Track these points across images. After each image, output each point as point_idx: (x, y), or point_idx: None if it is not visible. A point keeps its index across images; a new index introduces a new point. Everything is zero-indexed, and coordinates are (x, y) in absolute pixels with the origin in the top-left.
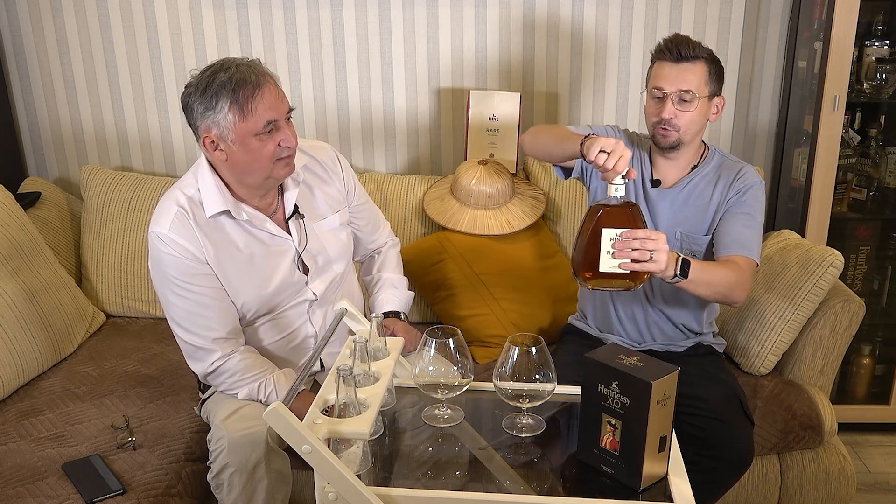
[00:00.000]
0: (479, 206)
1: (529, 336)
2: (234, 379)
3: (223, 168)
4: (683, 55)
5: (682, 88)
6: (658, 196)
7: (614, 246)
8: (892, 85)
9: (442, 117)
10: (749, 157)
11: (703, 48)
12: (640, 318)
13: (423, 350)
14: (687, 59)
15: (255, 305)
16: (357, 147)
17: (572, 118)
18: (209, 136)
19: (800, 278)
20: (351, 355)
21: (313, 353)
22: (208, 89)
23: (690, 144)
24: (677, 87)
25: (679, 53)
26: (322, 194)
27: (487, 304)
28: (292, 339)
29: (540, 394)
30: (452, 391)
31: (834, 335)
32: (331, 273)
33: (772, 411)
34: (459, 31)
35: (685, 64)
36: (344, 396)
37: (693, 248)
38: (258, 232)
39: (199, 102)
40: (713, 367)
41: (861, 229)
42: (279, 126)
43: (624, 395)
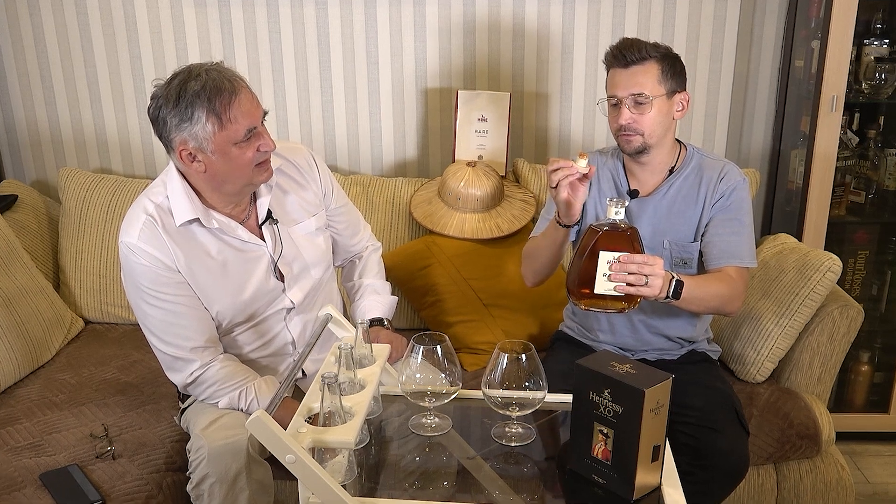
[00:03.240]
0: (468, 210)
1: (519, 343)
2: (214, 388)
3: (198, 178)
4: (630, 59)
5: (633, 92)
6: (639, 207)
7: (611, 269)
8: (891, 85)
9: (429, 118)
10: (745, 159)
11: (653, 48)
12: (633, 330)
13: (409, 357)
14: (635, 62)
15: (231, 314)
16: (342, 148)
17: (563, 119)
18: (186, 148)
19: (796, 284)
20: (336, 362)
21: (298, 360)
22: (181, 100)
23: (660, 146)
24: (629, 91)
25: (625, 58)
26: (297, 198)
27: (476, 309)
28: (270, 346)
29: (530, 402)
30: (440, 399)
31: (832, 342)
32: (308, 279)
33: (768, 420)
34: (447, 31)
35: (634, 67)
36: (329, 405)
37: (684, 257)
38: (230, 239)
39: (172, 115)
40: (708, 375)
41: (859, 233)
42: (257, 132)
43: (616, 404)
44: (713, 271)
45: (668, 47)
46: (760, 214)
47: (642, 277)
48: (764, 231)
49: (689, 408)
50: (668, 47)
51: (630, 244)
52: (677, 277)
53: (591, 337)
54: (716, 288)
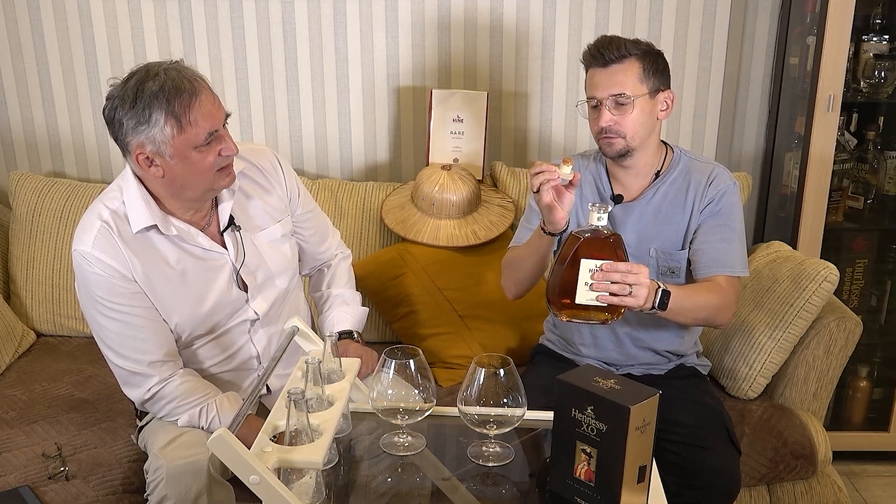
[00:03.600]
0: (443, 216)
1: (497, 357)
2: (173, 405)
3: (156, 183)
4: (609, 58)
5: (613, 93)
6: (623, 212)
7: (593, 277)
8: (891, 83)
9: (402, 118)
10: (736, 162)
11: (633, 45)
12: (618, 343)
13: (381, 372)
14: (615, 61)
15: (190, 326)
16: (310, 150)
17: (543, 120)
18: (143, 152)
19: (791, 294)
20: (303, 377)
21: (263, 374)
22: (139, 101)
23: (644, 148)
24: (608, 91)
25: (604, 57)
26: (261, 203)
27: (451, 321)
28: (233, 360)
29: (508, 419)
30: (413, 417)
31: (828, 356)
32: (273, 289)
33: (761, 438)
34: (421, 26)
35: (614, 66)
36: (295, 422)
37: (671, 265)
38: (190, 247)
39: (129, 116)
40: (697, 391)
41: (858, 240)
42: (218, 135)
43: (600, 421)
44: (702, 280)
45: (649, 44)
46: (753, 221)
47: (626, 287)
48: (756, 238)
49: (677, 425)
50: (649, 44)
51: (613, 251)
52: (664, 287)
53: (574, 351)
54: (705, 298)
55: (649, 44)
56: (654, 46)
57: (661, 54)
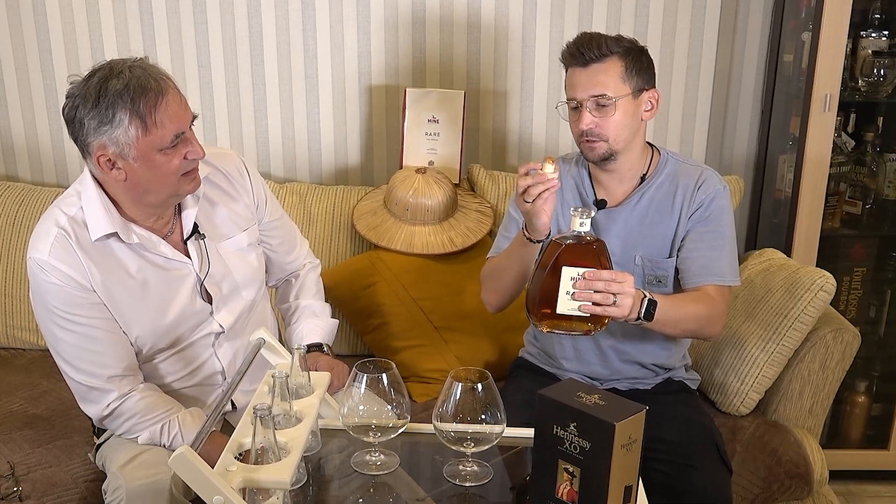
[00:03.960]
0: (417, 222)
1: (475, 371)
2: (133, 421)
3: (117, 187)
4: (589, 56)
5: (593, 94)
6: (607, 218)
7: (575, 286)
8: (890, 82)
9: (374, 119)
10: (727, 165)
11: (615, 42)
12: (602, 356)
13: (352, 387)
14: (595, 60)
15: (152, 339)
16: (277, 153)
17: (523, 120)
18: (105, 154)
19: (785, 304)
20: (269, 392)
21: (227, 389)
22: (102, 100)
23: (628, 151)
24: (589, 92)
25: (584, 55)
26: (227, 210)
27: (426, 333)
28: (197, 375)
29: (487, 437)
30: (386, 434)
31: (824, 370)
32: (239, 301)
33: (753, 457)
34: (394, 21)
35: (595, 65)
36: (261, 440)
37: (657, 274)
38: (152, 256)
39: (91, 116)
40: (686, 406)
41: (856, 248)
42: (185, 137)
43: (583, 439)
44: (691, 290)
45: (632, 40)
46: (744, 227)
47: (610, 296)
48: (748, 245)
49: (664, 443)
50: (632, 40)
51: (596, 259)
52: (650, 296)
53: (555, 364)
54: (693, 309)
55: (632, 40)
56: (638, 43)
57: (644, 51)
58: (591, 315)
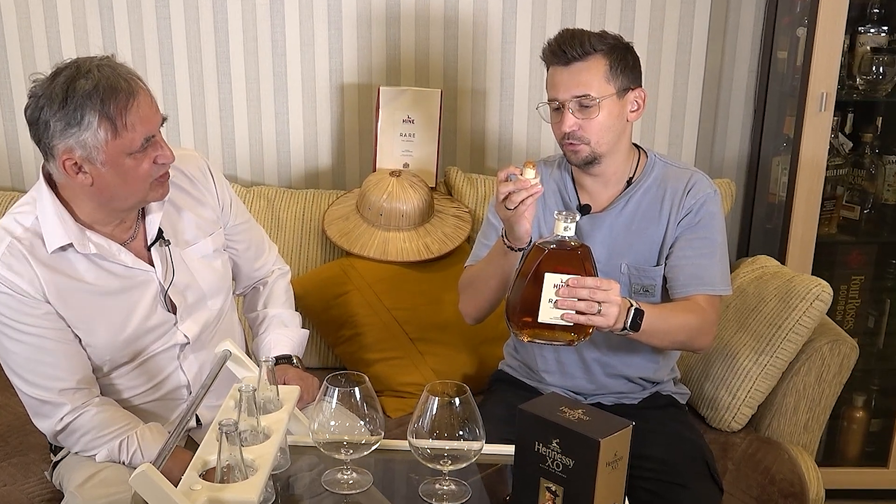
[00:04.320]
0: (392, 227)
1: (452, 384)
2: (89, 437)
3: (81, 192)
4: (571, 55)
5: (576, 94)
6: (591, 224)
7: (558, 294)
8: (890, 80)
9: (346, 119)
10: (718, 167)
11: (598, 39)
12: (586, 370)
13: (323, 401)
14: (578, 59)
15: (111, 352)
16: (244, 155)
17: (503, 121)
18: (71, 157)
19: (779, 314)
20: (236, 407)
21: (191, 403)
22: (69, 101)
23: (613, 154)
24: (571, 93)
25: (565, 54)
26: (192, 215)
27: (401, 345)
28: (160, 389)
29: (465, 454)
30: (359, 451)
31: (820, 383)
32: (205, 311)
33: (745, 475)
34: (367, 16)
35: (577, 64)
36: (227, 457)
37: (644, 283)
38: (110, 265)
39: (57, 118)
40: (674, 422)
41: (853, 255)
42: (154, 141)
43: (566, 456)
44: (680, 300)
45: (616, 37)
46: (736, 233)
47: (594, 304)
48: (740, 252)
49: (651, 460)
50: (616, 37)
51: (581, 265)
52: (636, 306)
53: (537, 378)
54: (682, 319)
55: (617, 37)
56: (623, 39)
57: (630, 48)
58: (575, 324)
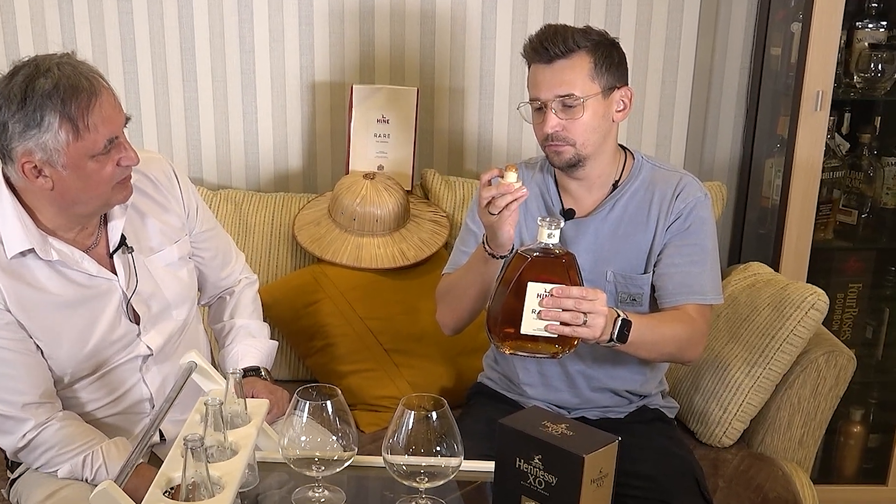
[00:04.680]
0: (365, 233)
1: (429, 398)
2: (52, 453)
3: (42, 197)
4: (554, 52)
5: (559, 94)
6: (575, 230)
7: (542, 304)
8: (889, 78)
9: (317, 119)
10: (708, 170)
11: (582, 35)
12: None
13: (293, 415)
14: (561, 56)
15: (73, 364)
16: (210, 157)
17: (482, 120)
18: (31, 160)
19: (772, 324)
20: (202, 422)
21: (154, 417)
22: (28, 101)
23: (598, 156)
24: (554, 92)
25: (548, 51)
26: (156, 221)
27: (375, 356)
28: (122, 403)
29: (442, 471)
30: (331, 467)
31: (816, 397)
32: (169, 321)
33: (737, 493)
34: (339, 11)
35: (560, 62)
36: (193, 474)
37: (631, 292)
38: (73, 272)
39: (15, 119)
40: (662, 437)
41: (850, 261)
42: (118, 142)
43: (549, 473)
44: (668, 309)
45: (601, 32)
46: (728, 239)
47: (580, 315)
48: (732, 259)
49: (638, 477)
50: (601, 32)
51: (565, 273)
52: (623, 316)
53: (518, 391)
54: (671, 330)
55: (601, 33)
56: (608, 35)
57: (615, 45)
58: (559, 336)
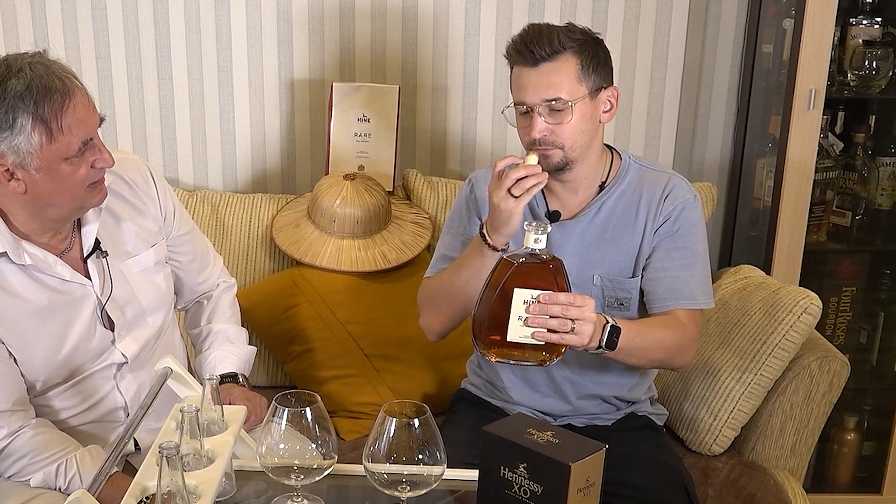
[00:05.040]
0: (345, 235)
1: (411, 404)
2: (24, 462)
3: (13, 200)
4: (539, 55)
5: (546, 98)
6: (561, 232)
7: (528, 311)
8: (884, 76)
9: (296, 118)
10: (698, 170)
11: (567, 35)
12: (555, 389)
13: (271, 422)
14: (547, 59)
15: (46, 371)
16: (186, 157)
17: (466, 119)
18: (3, 164)
19: (764, 329)
20: (177, 429)
21: (128, 425)
22: (0, 102)
23: (585, 159)
24: (541, 96)
25: (533, 54)
26: (132, 224)
27: (356, 362)
28: (95, 411)
29: (425, 479)
30: (310, 476)
31: (809, 403)
32: (145, 328)
33: (727, 502)
34: (319, 7)
35: (546, 65)
36: (168, 483)
37: (619, 296)
38: (46, 277)
39: None
40: (651, 445)
41: (844, 264)
42: (92, 144)
43: (534, 482)
44: (658, 314)
45: (585, 30)
46: (718, 241)
47: (567, 322)
48: (722, 262)
49: (627, 486)
50: (585, 30)
51: (552, 280)
52: (612, 322)
53: (502, 397)
54: (661, 336)
55: (585, 31)
56: (592, 33)
57: (600, 43)
58: (546, 343)
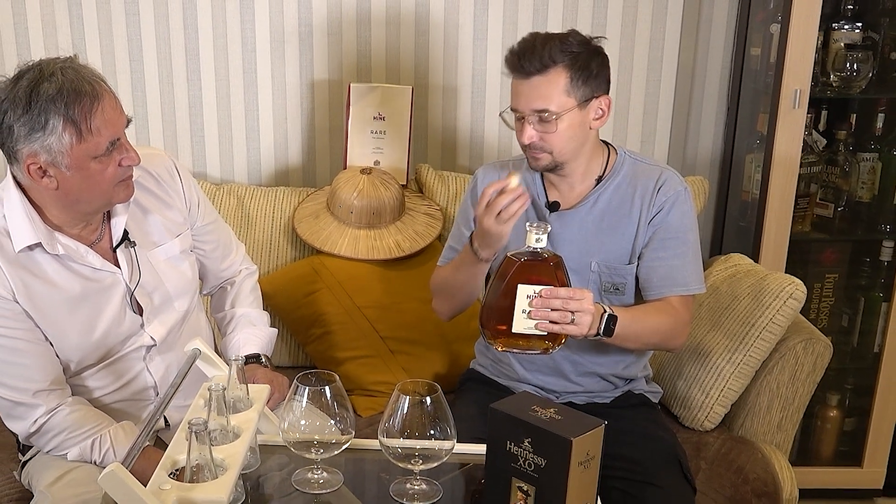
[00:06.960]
0: (362, 225)
1: (423, 383)
2: (62, 437)
3: (46, 195)
4: (529, 69)
5: (535, 109)
6: (560, 222)
7: (531, 304)
8: (864, 77)
9: (316, 116)
10: (690, 165)
11: (559, 49)
12: (556, 368)
13: (293, 400)
14: (537, 73)
15: (80, 353)
16: (213, 153)
17: (475, 118)
18: (36, 162)
19: (752, 313)
20: (205, 406)
21: (160, 403)
22: (33, 105)
23: (576, 159)
24: (531, 106)
25: (524, 68)
26: (158, 216)
27: (372, 344)
28: (127, 390)
29: (436, 453)
30: (329, 450)
31: (794, 382)
32: (171, 313)
33: (718, 474)
34: (338, 13)
35: (536, 78)
36: (197, 456)
37: (615, 281)
38: (79, 266)
39: (21, 122)
40: (646, 421)
41: (827, 253)
42: (120, 143)
43: (538, 455)
44: (653, 300)
45: (583, 41)
46: (709, 231)
47: (567, 314)
48: (713, 250)
49: (624, 460)
50: (583, 41)
51: (553, 275)
52: (609, 311)
53: (508, 376)
54: (656, 321)
55: (583, 41)
56: (590, 43)
57: (596, 53)
58: (549, 333)
